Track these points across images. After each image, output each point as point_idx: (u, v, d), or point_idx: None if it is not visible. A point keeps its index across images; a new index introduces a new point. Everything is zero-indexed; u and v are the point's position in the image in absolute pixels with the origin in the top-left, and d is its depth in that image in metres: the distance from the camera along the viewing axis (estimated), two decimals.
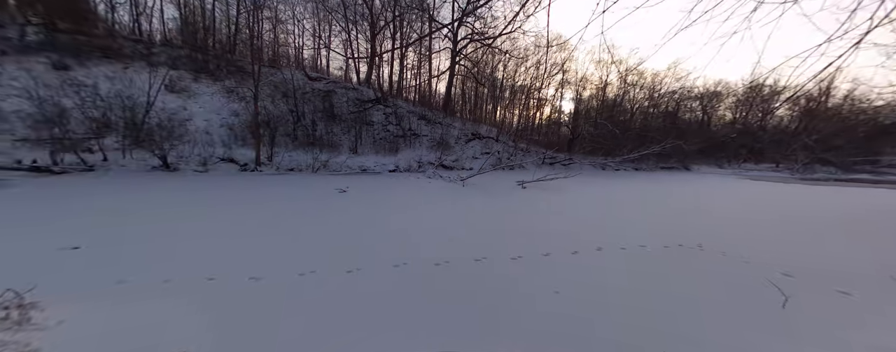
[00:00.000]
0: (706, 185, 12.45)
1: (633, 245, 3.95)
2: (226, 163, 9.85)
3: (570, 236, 4.21)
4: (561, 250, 3.62)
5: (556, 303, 2.40)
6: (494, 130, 18.65)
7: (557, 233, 4.39)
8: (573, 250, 3.63)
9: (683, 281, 2.93)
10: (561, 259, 3.36)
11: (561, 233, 4.40)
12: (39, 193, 5.32)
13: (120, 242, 3.34)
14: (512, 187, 8.88)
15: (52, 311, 1.88)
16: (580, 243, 3.90)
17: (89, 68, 11.00)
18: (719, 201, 8.27)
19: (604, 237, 4.24)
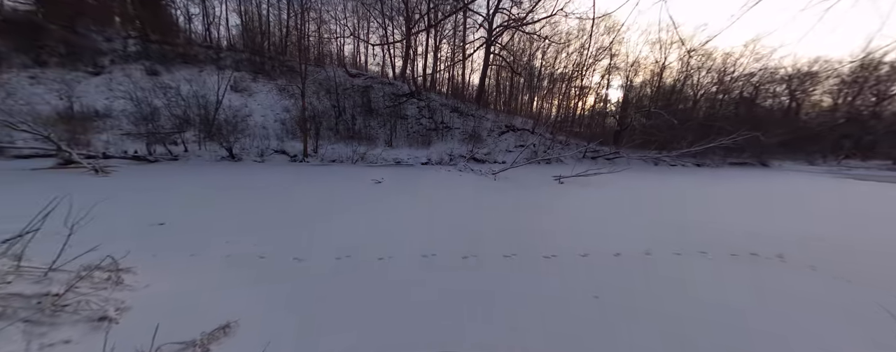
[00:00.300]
0: (790, 184, 10.61)
1: (690, 251, 3.52)
2: (279, 154, 10.99)
3: (613, 237, 3.91)
4: (601, 252, 3.37)
5: (596, 309, 2.24)
6: (530, 122, 17.88)
7: (598, 233, 4.11)
8: (616, 252, 3.37)
9: (757, 298, 2.54)
10: (601, 261, 3.13)
11: (602, 233, 4.11)
12: (138, 178, 6.53)
13: (193, 220, 3.98)
14: (547, 182, 8.52)
15: (141, 275, 2.34)
16: (625, 245, 3.60)
17: (173, 73, 12.97)
18: (808, 204, 7.00)
19: (654, 240, 3.86)
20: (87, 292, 1.94)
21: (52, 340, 1.58)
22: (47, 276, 1.99)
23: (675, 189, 8.47)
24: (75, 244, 2.19)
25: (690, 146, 13.42)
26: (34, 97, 9.81)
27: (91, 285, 2.02)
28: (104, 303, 1.90)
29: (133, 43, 13.75)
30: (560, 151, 14.79)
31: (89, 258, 2.13)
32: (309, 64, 16.66)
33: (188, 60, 14.15)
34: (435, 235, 3.78)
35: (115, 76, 11.83)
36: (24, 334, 1.55)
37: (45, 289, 1.85)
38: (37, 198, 2.51)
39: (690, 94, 19.80)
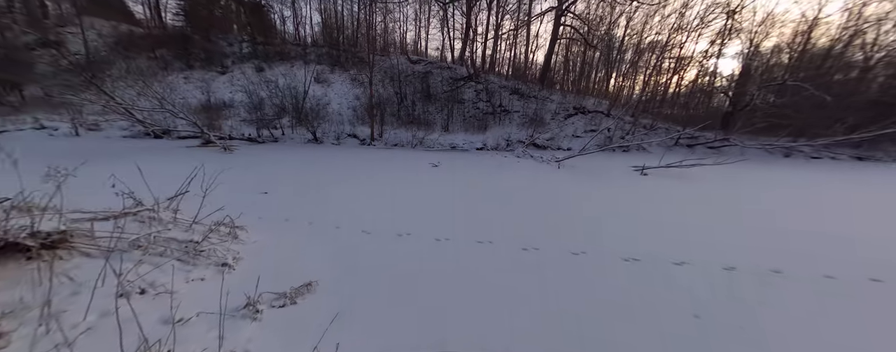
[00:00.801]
0: None
1: (851, 276, 2.58)
2: (351, 138, 12.24)
3: (722, 246, 3.16)
4: (705, 263, 2.74)
5: (695, 331, 1.84)
6: (605, 103, 15.58)
7: (699, 238, 3.36)
8: (727, 265, 2.69)
9: None
10: (705, 274, 2.55)
11: (705, 239, 3.35)
12: (251, 155, 8.11)
13: (287, 191, 4.73)
14: (626, 173, 7.39)
15: (250, 233, 2.89)
16: (742, 257, 2.87)
17: (273, 69, 15.42)
18: None
19: (788, 253, 3.00)
20: (215, 242, 2.48)
21: (194, 276, 2.06)
22: (191, 227, 2.61)
23: (822, 189, 6.36)
24: (207, 205, 2.81)
25: (851, 132, 9.47)
26: (186, 93, 12.98)
27: (217, 237, 2.58)
28: (226, 252, 2.40)
29: (246, 46, 16.77)
30: (643, 137, 12.52)
31: (217, 216, 2.70)
32: (376, 54, 17.73)
33: (283, 57, 16.58)
34: (492, 223, 3.67)
35: (235, 74, 14.71)
36: (177, 270, 2.05)
37: (189, 237, 2.42)
38: (187, 168, 3.28)
39: (859, 58, 13.81)
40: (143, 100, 9.82)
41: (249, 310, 1.78)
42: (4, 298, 1.53)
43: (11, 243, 1.76)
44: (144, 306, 1.72)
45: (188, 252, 2.25)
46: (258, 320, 1.74)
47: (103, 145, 8.53)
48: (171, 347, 1.40)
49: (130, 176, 2.94)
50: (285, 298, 1.96)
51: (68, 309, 1.59)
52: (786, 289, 2.37)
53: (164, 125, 9.91)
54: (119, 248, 2.14)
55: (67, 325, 1.49)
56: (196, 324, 1.63)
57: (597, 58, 17.76)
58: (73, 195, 2.49)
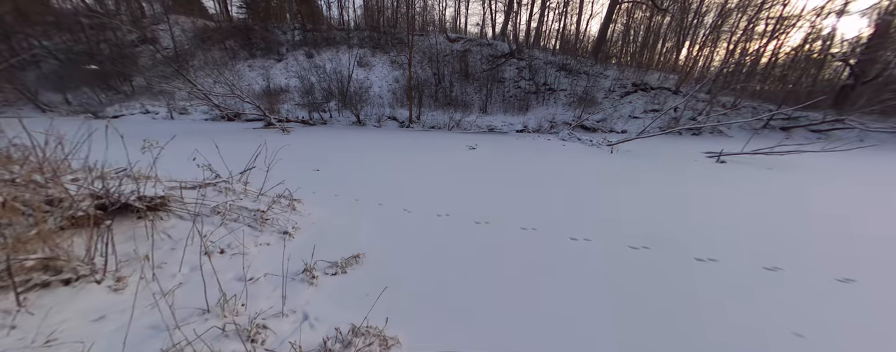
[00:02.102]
0: None
1: None
2: (390, 121, 12.53)
3: (837, 251, 2.56)
4: (808, 269, 2.24)
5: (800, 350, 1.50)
6: (673, 78, 13.37)
7: (802, 241, 2.76)
8: (843, 277, 2.15)
9: None
10: (811, 285, 2.07)
11: (810, 242, 2.75)
12: (305, 136, 8.78)
13: (336, 169, 5.03)
14: (696, 159, 6.37)
15: (306, 205, 3.11)
16: (862, 267, 2.29)
17: (321, 54, 16.20)
18: None
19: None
20: (278, 212, 2.71)
21: (261, 241, 2.29)
22: (258, 198, 2.88)
23: None
24: (270, 179, 3.08)
25: None
26: (251, 80, 14.38)
27: (280, 208, 2.82)
28: (286, 222, 2.62)
29: (297, 33, 17.78)
30: (721, 118, 10.55)
31: (279, 190, 2.95)
32: (414, 33, 17.43)
33: (330, 43, 17.26)
34: (535, 208, 3.46)
35: (289, 61, 15.81)
36: (247, 234, 2.29)
37: (257, 206, 2.68)
38: (253, 146, 3.61)
39: None
40: (217, 87, 11.15)
41: (307, 275, 1.92)
42: (124, 249, 1.85)
43: (126, 204, 2.11)
44: (223, 264, 1.95)
45: (256, 219, 2.50)
46: (314, 284, 1.86)
47: (190, 126, 10.00)
48: (244, 301, 1.56)
49: (210, 152, 3.35)
50: (337, 267, 2.07)
51: (167, 261, 1.87)
52: None
53: (234, 109, 11.20)
54: (203, 213, 2.46)
55: (166, 275, 1.76)
56: (263, 283, 1.81)
57: (666, 24, 15.04)
58: (168, 167, 2.92)
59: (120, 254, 1.78)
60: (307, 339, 1.39)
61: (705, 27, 13.90)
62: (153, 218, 2.18)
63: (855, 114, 8.68)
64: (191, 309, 1.48)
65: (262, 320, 1.43)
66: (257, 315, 1.43)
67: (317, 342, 1.34)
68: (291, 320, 1.52)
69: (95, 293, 1.48)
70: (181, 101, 12.21)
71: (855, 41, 11.71)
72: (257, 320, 1.40)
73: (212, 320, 1.39)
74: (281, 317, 1.50)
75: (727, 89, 11.88)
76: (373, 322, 1.48)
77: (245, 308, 1.52)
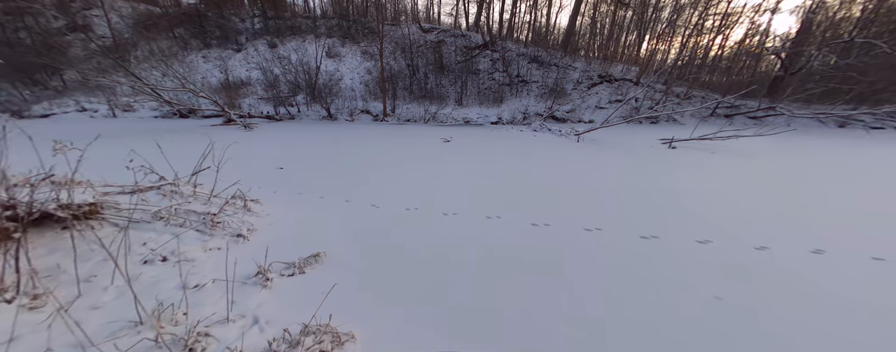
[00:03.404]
0: None
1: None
2: (364, 114, 12.16)
3: (756, 224, 2.90)
4: (734, 241, 2.53)
5: (715, 312, 1.71)
6: (635, 70, 14.12)
7: (729, 215, 3.11)
8: (759, 245, 2.48)
9: None
10: (733, 254, 2.35)
11: (736, 216, 3.09)
12: (269, 132, 8.31)
13: (301, 167, 4.83)
14: (651, 146, 6.85)
15: (264, 206, 2.98)
16: (777, 236, 2.62)
17: (285, 44, 15.21)
18: None
19: (834, 233, 2.70)
20: (231, 215, 2.57)
21: (211, 246, 2.17)
22: (209, 200, 2.71)
23: (873, 163, 5.54)
24: (226, 180, 2.90)
25: None
26: (206, 72, 13.25)
27: (234, 210, 2.67)
28: (241, 224, 2.49)
29: (257, 21, 16.51)
30: (675, 107, 11.38)
31: (233, 190, 2.79)
32: (386, 23, 16.84)
33: (295, 31, 16.24)
34: (500, 198, 3.55)
35: (249, 51, 14.71)
36: (195, 240, 2.16)
37: (207, 209, 2.53)
38: (204, 145, 3.36)
39: None
40: (167, 80, 10.17)
41: (260, 278, 1.85)
42: (43, 264, 1.68)
43: (47, 214, 1.90)
44: (165, 273, 1.83)
45: (206, 223, 2.36)
46: (268, 287, 1.80)
47: (136, 125, 9.09)
48: (186, 310, 1.48)
49: (154, 153, 3.08)
50: (294, 267, 2.01)
51: (98, 274, 1.72)
52: (830, 270, 2.11)
53: (189, 105, 10.31)
54: (143, 219, 2.28)
55: (97, 288, 1.62)
56: (211, 290, 1.72)
57: (629, 18, 15.76)
58: (106, 170, 2.65)
59: (40, 269, 1.61)
60: (255, 342, 1.36)
61: (662, 22, 14.78)
62: (82, 227, 1.99)
63: (784, 101, 9.79)
64: (122, 322, 1.38)
65: (204, 328, 1.37)
66: (199, 323, 1.37)
67: (263, 346, 1.32)
68: (239, 325, 1.47)
69: (6, 314, 1.34)
70: (124, 96, 11.01)
71: (785, 37, 13.13)
72: (198, 327, 1.34)
73: (144, 332, 1.31)
74: (226, 323, 1.45)
75: (680, 80, 12.83)
76: (329, 320, 1.48)
77: (186, 317, 1.44)
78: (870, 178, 4.56)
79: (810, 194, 3.76)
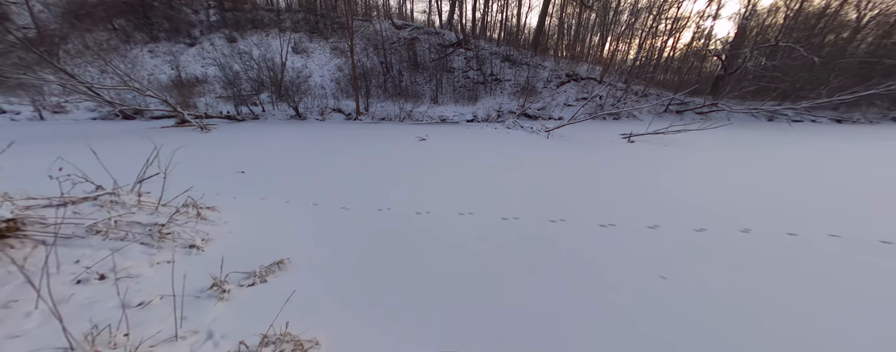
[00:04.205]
0: None
1: (814, 233, 2.68)
2: (336, 113, 11.74)
3: (697, 210, 3.21)
4: (678, 225, 2.80)
5: (660, 291, 1.89)
6: (599, 69, 14.95)
7: (677, 202, 3.42)
8: (698, 227, 2.77)
9: (878, 294, 1.87)
10: (678, 237, 2.60)
11: (682, 203, 3.40)
12: (230, 134, 7.77)
13: (266, 170, 4.58)
14: (613, 141, 7.30)
15: (223, 213, 2.80)
16: (713, 219, 2.94)
17: (246, 39, 14.22)
18: None
19: (756, 215, 3.07)
20: (183, 224, 2.39)
21: (159, 259, 2.00)
22: (157, 210, 2.50)
23: (796, 152, 6.37)
24: (178, 186, 2.69)
25: (833, 95, 9.40)
26: (155, 69, 12.05)
27: (187, 218, 2.48)
28: (194, 234, 2.33)
29: (213, 13, 15.24)
30: (634, 104, 12.24)
31: (185, 198, 2.59)
32: (356, 18, 16.31)
33: (256, 25, 15.22)
34: (473, 194, 3.62)
35: (205, 46, 13.57)
36: (140, 253, 1.98)
37: (154, 220, 2.33)
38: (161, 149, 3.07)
39: (851, 18, 13.28)
40: (106, 77, 9.11)
41: (215, 290, 1.75)
42: None
43: None
44: (104, 292, 1.67)
45: (153, 235, 2.17)
46: (225, 299, 1.71)
47: (68, 129, 8.07)
48: (127, 331, 1.37)
49: (89, 160, 2.76)
50: (255, 276, 1.93)
51: (19, 299, 1.53)
52: (753, 246, 2.41)
53: (133, 105, 9.32)
54: (76, 234, 2.05)
55: (18, 314, 1.45)
56: (158, 307, 1.60)
57: (593, 20, 16.62)
58: (26, 182, 2.34)
59: None
60: None
61: (621, 24, 15.80)
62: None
63: (724, 98, 10.94)
64: (47, 351, 1.25)
65: (149, 348, 1.28)
66: (141, 343, 1.27)
67: None
68: (190, 341, 1.39)
69: None
70: (54, 96, 9.70)
71: (725, 40, 14.70)
72: (141, 348, 1.25)
73: None
74: (175, 341, 1.36)
75: (638, 79, 13.85)
76: (292, 328, 1.44)
77: (127, 338, 1.33)
78: (791, 165, 5.22)
79: (743, 180, 4.24)
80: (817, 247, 2.44)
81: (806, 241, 2.54)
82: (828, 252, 2.36)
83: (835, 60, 11.94)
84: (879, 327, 1.60)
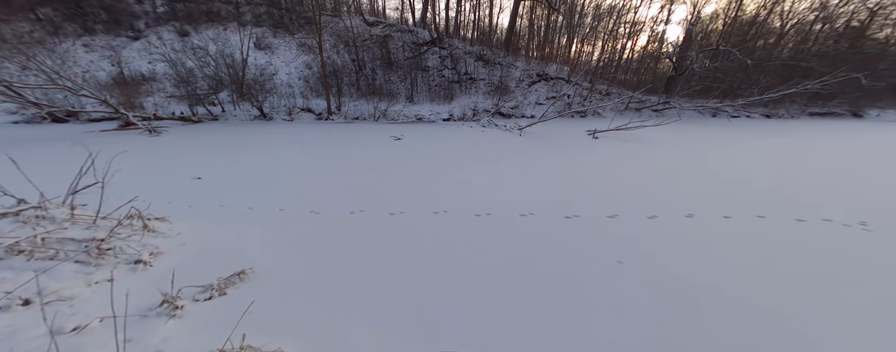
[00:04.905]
0: (884, 137, 8.42)
1: (744, 214, 3.07)
2: (305, 112, 11.22)
3: (651, 198, 3.51)
4: (634, 214, 3.05)
5: (618, 275, 2.04)
6: (566, 70, 15.66)
7: (633, 193, 3.71)
8: (651, 214, 3.04)
9: (821, 270, 2.15)
10: (633, 224, 2.84)
11: (638, 193, 3.70)
12: (184, 137, 7.16)
13: (226, 174, 4.29)
14: (579, 137, 7.70)
15: (175, 224, 2.59)
16: (664, 207, 3.23)
17: (200, 33, 13.11)
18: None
19: (699, 201, 3.41)
20: (127, 238, 2.18)
21: (97, 278, 1.82)
22: (96, 223, 2.26)
23: (732, 145, 7.16)
24: (124, 196, 2.44)
25: (763, 93, 10.77)
26: (91, 65, 10.75)
27: (131, 231, 2.27)
28: (141, 248, 2.14)
29: (160, 4, 13.86)
30: (599, 103, 13.02)
31: (131, 208, 2.36)
32: (325, 12, 15.66)
33: (212, 18, 14.07)
34: (447, 193, 3.66)
35: (151, 40, 12.32)
36: (75, 273, 1.79)
37: (92, 235, 2.10)
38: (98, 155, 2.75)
39: (776, 25, 15.23)
40: (29, 75, 7.97)
41: (166, 307, 1.63)
42: None
43: None
44: (28, 319, 1.49)
45: (89, 252, 1.96)
46: (177, 317, 1.60)
47: None
48: None
49: (8, 170, 2.42)
50: (212, 290, 1.82)
51: None
52: (696, 230, 2.69)
53: (65, 106, 8.26)
54: None
55: None
56: (97, 331, 1.46)
57: (560, 22, 17.34)
58: None
59: None
60: None
61: (585, 26, 16.71)
62: None
63: (675, 97, 12.01)
64: None
65: None
66: None
67: None
68: None
69: None
70: None
71: (675, 44, 16.13)
72: None
73: None
74: None
75: (602, 79, 14.75)
76: (255, 339, 1.38)
77: None
78: (729, 156, 5.85)
79: (688, 172, 4.68)
80: (746, 227, 2.78)
81: (738, 223, 2.87)
82: (754, 232, 2.70)
83: (764, 63, 13.57)
84: (794, 293, 1.86)
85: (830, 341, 1.52)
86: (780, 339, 1.53)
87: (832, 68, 10.81)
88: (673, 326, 1.61)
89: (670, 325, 1.61)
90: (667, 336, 1.54)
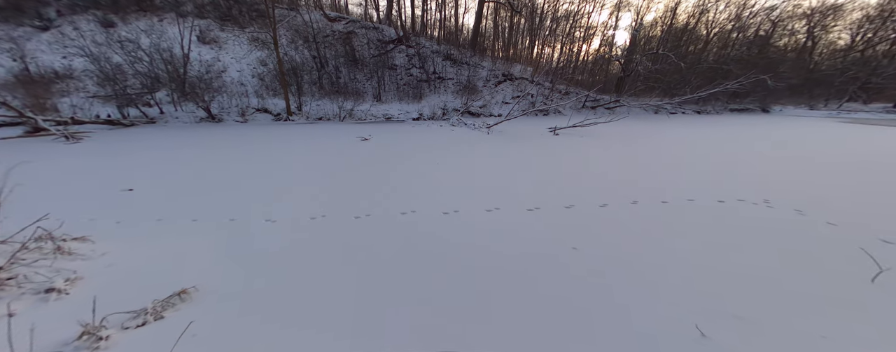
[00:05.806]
0: (786, 129, 10.13)
1: (678, 198, 3.47)
2: (261, 113, 10.41)
3: (602, 188, 3.82)
4: (588, 203, 3.31)
5: (572, 260, 2.20)
6: (529, 70, 16.39)
7: (588, 184, 4.00)
8: (602, 203, 3.31)
9: (739, 244, 2.50)
10: (586, 212, 3.08)
11: (592, 184, 4.00)
12: (111, 143, 6.27)
13: (166, 184, 3.85)
14: (542, 134, 8.12)
15: (99, 244, 2.27)
16: (613, 196, 3.54)
17: (129, 24, 11.54)
18: (797, 149, 6.71)
19: (642, 189, 3.78)
20: (33, 263, 1.88)
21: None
22: None
23: (667, 138, 8.07)
24: (31, 215, 2.08)
25: (694, 92, 12.38)
26: None
27: (38, 256, 1.95)
28: (54, 274, 1.85)
29: None
30: (559, 102, 13.85)
31: (37, 228, 2.02)
32: (280, 6, 14.65)
33: (145, 8, 12.46)
34: (415, 192, 3.65)
35: (65, 30, 10.58)
36: None
37: None
38: None
39: (704, 33, 17.60)
40: None
41: (86, 340, 1.43)
42: None
43: None
44: None
45: None
46: (101, 349, 1.41)
47: None
48: None
49: None
50: (146, 314, 1.63)
51: None
52: (642, 213, 3.00)
53: None
54: None
55: None
56: None
57: (523, 24, 18.11)
58: None
59: None
60: None
61: (545, 29, 17.68)
62: None
63: (624, 96, 13.25)
64: None
65: None
66: None
67: None
68: None
69: None
70: None
71: (623, 47, 17.84)
72: None
73: None
74: None
75: (562, 79, 15.76)
76: None
77: None
78: (667, 148, 6.57)
79: (633, 163, 5.17)
80: (679, 210, 3.15)
81: (674, 206, 3.25)
82: (686, 214, 3.07)
83: (694, 66, 15.59)
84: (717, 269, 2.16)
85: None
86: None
87: (746, 71, 12.66)
88: (620, 297, 1.78)
89: (616, 296, 1.78)
90: (619, 303, 1.70)
